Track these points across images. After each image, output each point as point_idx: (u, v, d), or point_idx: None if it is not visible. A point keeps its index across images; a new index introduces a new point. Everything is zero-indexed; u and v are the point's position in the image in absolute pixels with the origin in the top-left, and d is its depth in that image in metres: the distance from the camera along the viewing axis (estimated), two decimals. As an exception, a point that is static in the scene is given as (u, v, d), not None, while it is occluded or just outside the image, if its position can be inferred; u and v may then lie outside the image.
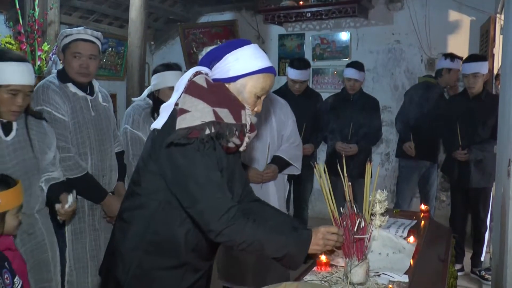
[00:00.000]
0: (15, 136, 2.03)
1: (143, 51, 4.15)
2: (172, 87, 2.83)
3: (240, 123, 1.51)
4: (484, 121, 3.72)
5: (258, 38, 5.97)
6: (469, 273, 3.92)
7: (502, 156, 2.67)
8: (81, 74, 2.42)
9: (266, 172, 2.79)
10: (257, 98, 1.59)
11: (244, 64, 1.54)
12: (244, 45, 1.57)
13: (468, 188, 3.82)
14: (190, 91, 1.49)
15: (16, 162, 2.01)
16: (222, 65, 1.55)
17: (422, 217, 2.59)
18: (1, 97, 1.95)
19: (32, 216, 2.10)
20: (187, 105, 1.46)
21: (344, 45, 5.52)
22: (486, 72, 3.75)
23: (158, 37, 6.72)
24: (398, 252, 1.81)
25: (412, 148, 4.01)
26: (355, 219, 1.53)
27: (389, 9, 5.26)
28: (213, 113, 1.44)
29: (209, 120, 1.43)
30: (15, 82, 1.96)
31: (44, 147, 2.15)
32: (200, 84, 1.50)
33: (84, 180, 2.39)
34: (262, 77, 1.57)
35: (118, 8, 5.63)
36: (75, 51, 2.39)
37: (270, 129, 2.83)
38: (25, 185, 1.98)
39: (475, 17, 4.85)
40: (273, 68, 1.62)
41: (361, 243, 1.53)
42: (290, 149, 2.90)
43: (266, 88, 1.59)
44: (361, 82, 4.12)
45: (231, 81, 1.56)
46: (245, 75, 1.55)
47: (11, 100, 1.97)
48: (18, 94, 1.98)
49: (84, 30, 2.43)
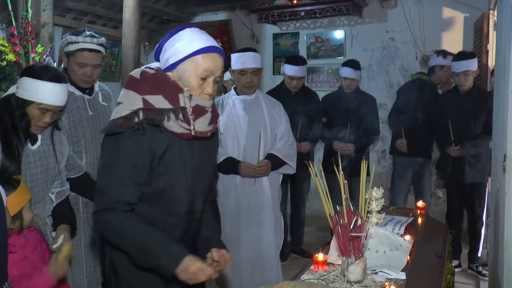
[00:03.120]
0: (40, 145, 2.10)
1: (138, 52, 4.13)
2: None
3: (178, 106, 1.53)
4: (476, 117, 3.73)
5: (252, 37, 5.97)
6: (466, 269, 3.93)
7: (497, 151, 2.68)
8: (84, 81, 2.50)
9: (259, 166, 2.79)
10: (202, 80, 1.56)
11: (180, 49, 1.55)
12: (180, 31, 1.59)
13: (463, 184, 3.83)
14: (126, 84, 1.60)
15: (41, 170, 2.09)
16: (164, 55, 1.61)
17: (419, 214, 2.60)
18: (31, 112, 1.99)
19: (44, 220, 2.16)
20: (121, 98, 1.58)
21: (338, 43, 5.52)
22: (476, 68, 3.76)
23: (152, 38, 6.70)
24: (395, 250, 1.81)
25: (404, 145, 4.02)
26: (352, 217, 1.53)
27: (383, 7, 5.27)
28: (142, 101, 1.52)
29: (137, 107, 1.51)
30: (47, 102, 1.98)
31: (62, 155, 2.23)
32: (134, 77, 1.59)
33: (82, 179, 2.43)
34: (202, 58, 1.54)
35: (112, 9, 5.61)
36: (81, 61, 2.45)
37: (263, 126, 2.85)
38: (44, 191, 2.13)
39: (468, 14, 4.87)
40: (214, 47, 1.57)
41: (358, 241, 1.53)
42: (284, 147, 2.92)
43: (210, 68, 1.55)
44: (357, 80, 4.12)
45: (172, 69, 1.58)
46: (182, 60, 1.55)
47: (40, 117, 2.01)
48: (47, 113, 2.01)
49: (90, 39, 2.45)
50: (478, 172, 3.76)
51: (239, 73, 2.86)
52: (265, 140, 2.86)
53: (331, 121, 4.09)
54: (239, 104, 2.89)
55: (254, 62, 2.87)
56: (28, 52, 3.42)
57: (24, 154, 2.01)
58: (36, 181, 2.06)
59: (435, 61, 4.06)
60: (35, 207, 2.00)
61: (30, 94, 1.96)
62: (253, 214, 2.82)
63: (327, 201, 1.60)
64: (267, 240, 2.83)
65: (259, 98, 2.95)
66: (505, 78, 2.39)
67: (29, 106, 1.97)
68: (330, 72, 5.57)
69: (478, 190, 3.81)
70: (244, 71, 2.84)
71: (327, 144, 4.21)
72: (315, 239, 4.66)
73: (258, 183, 2.84)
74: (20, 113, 1.97)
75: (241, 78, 2.86)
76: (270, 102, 2.98)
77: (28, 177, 2.02)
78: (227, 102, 2.91)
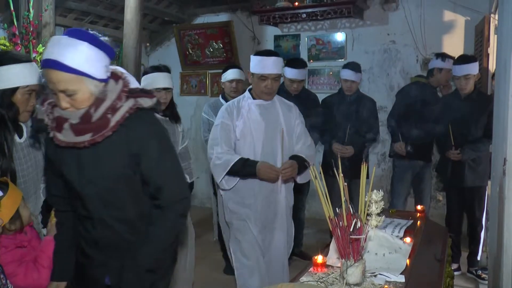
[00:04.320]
0: (26, 137, 2.10)
1: (139, 53, 4.14)
2: (159, 88, 2.87)
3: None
4: (476, 121, 3.73)
5: (253, 39, 5.97)
6: (466, 272, 3.93)
7: (497, 155, 2.68)
8: None
9: (284, 168, 2.63)
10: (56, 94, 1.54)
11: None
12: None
13: (462, 187, 3.83)
14: None
15: (31, 163, 2.09)
16: None
17: (418, 217, 2.60)
18: (18, 99, 2.00)
19: (36, 218, 2.16)
20: None
21: (339, 46, 5.52)
22: (477, 72, 3.76)
23: (154, 39, 6.71)
24: (394, 252, 1.81)
25: (402, 148, 4.02)
26: (351, 219, 1.53)
27: (384, 10, 5.27)
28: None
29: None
30: (29, 82, 2.01)
31: None
32: None
33: None
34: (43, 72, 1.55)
35: (113, 10, 5.62)
36: None
37: (279, 131, 2.75)
38: (36, 185, 2.13)
39: (469, 17, 4.87)
40: (47, 61, 1.49)
41: (357, 244, 1.53)
42: (302, 149, 2.81)
43: (50, 81, 1.51)
44: (358, 83, 4.12)
45: None
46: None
47: (26, 101, 2.02)
48: (32, 94, 2.04)
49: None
50: (478, 176, 3.76)
51: (259, 78, 2.70)
52: (282, 144, 2.74)
53: (331, 123, 4.08)
54: (255, 109, 2.75)
55: (276, 67, 2.72)
56: (29, 52, 3.43)
57: (14, 150, 2.01)
58: (28, 175, 2.06)
59: (434, 63, 4.06)
60: (28, 202, 2.00)
61: (10, 81, 1.97)
62: (268, 221, 2.76)
63: (327, 203, 1.60)
64: (277, 247, 2.78)
65: (275, 102, 2.84)
66: (506, 81, 2.39)
67: (14, 94, 1.98)
68: (330, 74, 5.57)
69: (478, 193, 3.81)
70: (265, 77, 2.69)
71: (327, 146, 4.21)
72: (315, 241, 4.67)
73: (275, 193, 2.76)
74: (7, 103, 1.97)
75: (261, 83, 2.71)
76: (286, 106, 2.88)
77: (20, 172, 2.02)
78: (242, 106, 2.76)
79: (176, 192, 1.66)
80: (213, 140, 2.73)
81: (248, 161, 2.62)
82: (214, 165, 2.67)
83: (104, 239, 1.69)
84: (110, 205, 1.65)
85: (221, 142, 2.67)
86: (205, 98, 6.13)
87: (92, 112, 1.53)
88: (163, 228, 1.65)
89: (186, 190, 1.73)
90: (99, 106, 1.54)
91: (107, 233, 1.67)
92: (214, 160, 2.67)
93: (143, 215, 1.68)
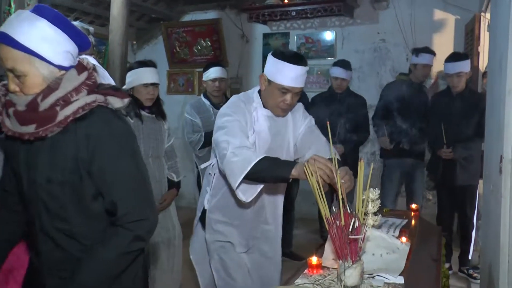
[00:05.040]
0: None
1: (125, 49, 4.04)
2: (146, 84, 2.77)
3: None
4: (468, 119, 3.70)
5: (242, 37, 5.90)
6: (457, 272, 3.90)
7: (491, 153, 2.64)
8: None
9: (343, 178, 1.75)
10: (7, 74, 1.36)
11: None
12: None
13: (454, 186, 3.80)
14: None
15: None
16: None
17: (413, 216, 2.55)
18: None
19: None
20: None
21: (329, 44, 5.48)
22: (469, 70, 3.73)
23: (141, 36, 6.61)
24: (392, 253, 1.75)
25: (387, 142, 3.98)
26: (349, 219, 1.46)
27: (375, 8, 5.25)
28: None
29: None
30: None
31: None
32: None
33: None
34: None
35: (99, 6, 5.51)
36: None
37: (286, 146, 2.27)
38: None
39: (459, 16, 4.86)
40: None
41: (355, 244, 1.47)
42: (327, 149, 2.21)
43: (0, 58, 1.33)
44: (348, 80, 4.08)
45: None
46: None
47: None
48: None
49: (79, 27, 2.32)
50: (469, 175, 3.74)
51: (278, 89, 2.08)
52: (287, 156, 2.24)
53: (321, 121, 4.01)
54: (264, 121, 2.17)
55: (303, 79, 2.10)
56: (11, 47, 3.31)
57: None
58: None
59: (412, 60, 4.04)
60: None
61: None
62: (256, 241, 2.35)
63: (323, 202, 1.53)
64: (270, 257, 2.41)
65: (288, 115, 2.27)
66: (501, 78, 2.35)
67: None
68: (319, 74, 5.52)
69: (470, 192, 3.79)
70: (287, 90, 2.07)
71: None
72: (305, 242, 4.61)
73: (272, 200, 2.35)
74: None
75: (279, 96, 2.09)
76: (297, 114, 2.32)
77: None
78: (248, 111, 2.16)
79: (133, 211, 1.38)
80: (227, 131, 2.00)
81: (280, 159, 1.91)
82: (228, 163, 1.90)
83: (47, 253, 1.44)
84: (54, 214, 1.40)
85: (239, 134, 1.99)
86: (193, 97, 6.04)
87: (39, 100, 1.32)
88: (112, 250, 1.38)
89: (149, 210, 1.42)
90: (48, 95, 1.32)
91: (50, 246, 1.43)
92: (229, 157, 1.90)
93: (99, 232, 1.41)
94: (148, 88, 2.77)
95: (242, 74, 5.98)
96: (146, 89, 2.76)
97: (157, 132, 2.86)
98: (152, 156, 2.84)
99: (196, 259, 2.46)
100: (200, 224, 2.38)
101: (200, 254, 2.43)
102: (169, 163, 3.00)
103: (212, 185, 2.27)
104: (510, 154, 2.14)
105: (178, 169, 3.02)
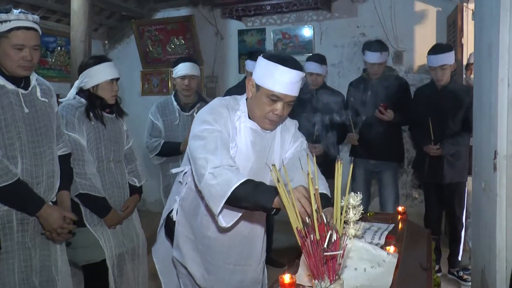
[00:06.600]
0: None
1: (88, 46, 3.75)
2: (112, 79, 2.54)
3: None
4: (454, 113, 3.50)
5: (216, 34, 5.65)
6: (446, 274, 3.70)
7: (481, 148, 2.44)
8: (24, 68, 2.06)
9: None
10: None
11: None
12: None
13: (441, 184, 3.60)
14: None
15: None
16: None
17: (400, 219, 2.33)
18: None
19: None
20: None
21: (307, 40, 5.27)
22: (453, 62, 3.53)
23: (112, 36, 6.33)
24: (377, 266, 1.51)
25: (354, 138, 3.77)
26: (325, 231, 1.22)
27: (353, 1, 5.05)
28: None
29: None
30: None
31: None
32: None
33: (14, 188, 2.00)
34: None
35: (66, 3, 5.18)
36: (17, 42, 2.01)
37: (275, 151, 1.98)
38: None
39: (441, 8, 4.69)
40: None
41: (333, 261, 1.23)
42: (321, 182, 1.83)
43: None
44: (323, 76, 3.84)
45: None
46: None
47: None
48: None
49: (24, 15, 2.05)
50: (457, 171, 3.54)
51: (267, 96, 1.77)
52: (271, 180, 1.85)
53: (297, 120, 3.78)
54: (248, 134, 1.88)
55: (297, 87, 1.80)
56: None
57: None
58: None
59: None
60: None
61: None
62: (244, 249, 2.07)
63: (294, 211, 1.29)
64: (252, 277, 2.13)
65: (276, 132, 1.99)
66: (492, 66, 2.15)
67: None
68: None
69: (458, 190, 3.59)
70: (278, 97, 1.76)
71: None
72: (285, 246, 4.37)
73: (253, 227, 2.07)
74: None
75: (267, 104, 1.79)
76: (286, 128, 2.04)
77: None
78: (231, 119, 1.86)
79: None
80: (205, 145, 1.73)
81: (262, 185, 1.63)
82: (207, 186, 1.64)
83: None
84: None
85: (220, 149, 1.71)
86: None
87: None
88: None
89: None
90: None
91: None
92: (207, 178, 1.64)
93: None
94: (113, 84, 2.57)
95: (218, 73, 5.73)
96: (111, 86, 2.56)
97: (117, 135, 2.63)
98: (114, 160, 2.60)
99: (161, 269, 2.22)
100: (165, 231, 2.14)
101: (166, 264, 2.20)
102: (129, 166, 2.74)
103: (181, 196, 2.02)
104: (505, 149, 1.94)
105: (139, 173, 2.78)
